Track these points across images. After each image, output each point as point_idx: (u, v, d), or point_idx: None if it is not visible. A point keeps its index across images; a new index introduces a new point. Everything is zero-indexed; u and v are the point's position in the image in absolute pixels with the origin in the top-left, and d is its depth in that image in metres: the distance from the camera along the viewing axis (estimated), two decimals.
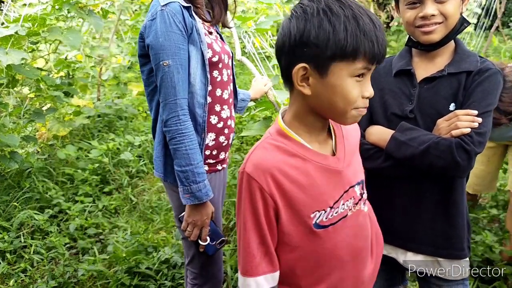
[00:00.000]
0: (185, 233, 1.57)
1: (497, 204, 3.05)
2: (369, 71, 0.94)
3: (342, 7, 0.90)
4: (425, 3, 1.25)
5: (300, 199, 1.01)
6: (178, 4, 1.43)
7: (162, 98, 1.45)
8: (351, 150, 1.11)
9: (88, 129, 4.39)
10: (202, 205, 1.52)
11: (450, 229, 1.35)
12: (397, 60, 1.41)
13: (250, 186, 0.99)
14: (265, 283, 1.03)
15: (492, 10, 8.08)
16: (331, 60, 0.91)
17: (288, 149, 1.01)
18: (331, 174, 1.04)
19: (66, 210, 3.17)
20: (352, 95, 0.94)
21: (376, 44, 0.90)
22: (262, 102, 2.63)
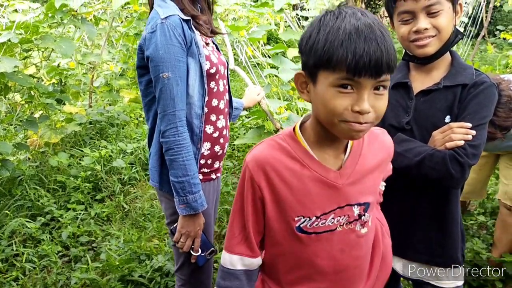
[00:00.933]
0: (178, 245, 1.58)
1: (485, 211, 3.11)
2: (357, 83, 0.91)
3: (339, 17, 0.92)
4: (418, 18, 1.28)
5: (287, 199, 1.05)
6: (178, 17, 1.46)
7: (161, 110, 1.47)
8: (365, 169, 1.10)
9: (80, 136, 4.39)
10: (196, 216, 1.54)
11: (445, 238, 1.39)
12: (395, 73, 1.45)
13: (244, 173, 1.07)
14: (239, 262, 1.12)
15: (479, 19, 8.23)
16: (316, 68, 0.94)
17: (291, 151, 1.05)
18: (327, 187, 1.05)
19: (58, 217, 3.16)
20: (333, 105, 0.93)
21: (353, 55, 0.88)
22: (255, 111, 2.66)
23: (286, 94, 2.97)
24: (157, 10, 1.48)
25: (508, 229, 2.41)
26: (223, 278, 1.14)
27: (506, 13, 11.05)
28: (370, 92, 0.93)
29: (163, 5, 1.50)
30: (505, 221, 2.42)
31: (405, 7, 1.29)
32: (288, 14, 4.55)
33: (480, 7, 8.22)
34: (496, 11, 11.30)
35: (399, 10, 1.32)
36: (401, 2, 1.30)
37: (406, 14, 1.30)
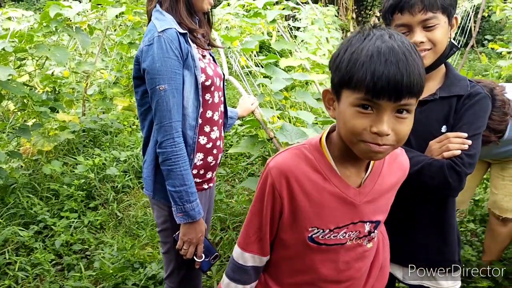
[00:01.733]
0: (181, 252, 1.62)
1: (474, 219, 3.16)
2: (376, 105, 0.92)
3: (366, 38, 0.94)
4: (414, 31, 1.31)
5: (305, 210, 1.07)
6: (175, 31, 1.49)
7: (157, 121, 1.51)
8: (382, 189, 1.12)
9: (73, 144, 4.39)
10: (197, 223, 1.58)
11: (443, 244, 1.44)
12: None
13: (266, 178, 1.08)
14: (250, 260, 1.16)
15: (467, 29, 8.36)
16: (340, 86, 0.97)
17: (315, 163, 1.06)
18: (344, 203, 1.07)
19: (51, 226, 3.16)
20: (351, 124, 0.94)
21: (371, 76, 0.89)
22: (248, 120, 2.69)
23: (279, 103, 3.00)
24: (155, 22, 1.52)
25: (497, 238, 2.46)
26: (233, 271, 1.20)
27: (494, 23, 11.23)
28: (391, 115, 0.93)
29: (160, 18, 1.53)
30: (494, 230, 2.47)
31: (402, 21, 1.32)
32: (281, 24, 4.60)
33: (468, 17, 8.37)
34: (484, 21, 11.48)
35: (396, 23, 1.34)
36: (398, 15, 1.33)
37: (402, 27, 1.33)
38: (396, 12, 1.33)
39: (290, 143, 2.24)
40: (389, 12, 1.35)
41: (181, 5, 1.57)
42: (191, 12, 1.60)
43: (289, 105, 3.19)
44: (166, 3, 1.57)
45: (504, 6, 6.77)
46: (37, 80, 3.85)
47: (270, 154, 2.92)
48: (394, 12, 1.33)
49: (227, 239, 2.98)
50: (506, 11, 6.66)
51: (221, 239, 3.01)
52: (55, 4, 3.17)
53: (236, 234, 3.03)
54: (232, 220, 3.22)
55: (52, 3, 3.16)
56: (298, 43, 4.73)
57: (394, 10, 1.33)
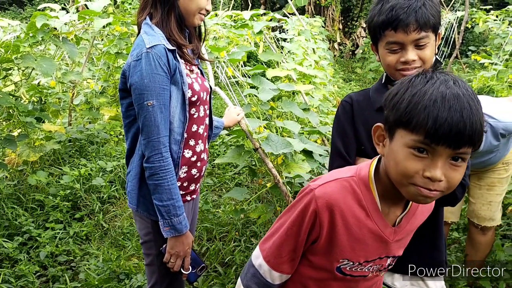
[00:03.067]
0: (168, 265, 1.63)
1: (458, 227, 3.21)
2: (433, 150, 0.90)
3: (429, 82, 0.93)
4: (406, 50, 1.33)
5: (341, 243, 1.06)
6: (163, 47, 1.50)
7: (145, 136, 1.52)
8: (412, 229, 1.15)
9: (59, 155, 4.36)
10: (184, 236, 1.59)
11: (434, 249, 1.48)
12: (376, 95, 1.48)
13: (309, 204, 1.05)
14: (278, 278, 1.15)
15: (451, 40, 8.52)
16: (395, 125, 0.95)
17: (361, 199, 1.05)
18: (379, 240, 1.09)
19: (36, 237, 3.13)
20: (404, 166, 0.93)
21: (433, 122, 0.87)
22: (235, 130, 2.71)
23: (266, 113, 3.03)
24: (143, 37, 1.52)
25: (478, 247, 2.50)
26: (257, 285, 1.16)
27: (477, 34, 11.45)
28: (445, 161, 0.91)
29: (150, 32, 1.54)
30: (474, 239, 2.51)
31: (395, 38, 1.32)
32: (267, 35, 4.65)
33: (452, 29, 8.53)
34: (468, 33, 11.70)
35: (388, 40, 1.34)
36: (391, 33, 1.32)
37: (395, 44, 1.33)
38: (389, 29, 1.32)
39: (275, 153, 2.26)
40: (381, 27, 1.34)
41: (172, 20, 1.57)
42: (182, 26, 1.61)
43: (276, 115, 3.22)
44: (157, 17, 1.57)
45: (487, 18, 6.93)
46: (23, 90, 3.83)
47: (256, 164, 2.94)
48: (387, 28, 1.33)
49: (214, 249, 2.98)
50: (489, 22, 6.82)
51: (208, 250, 3.01)
52: (42, 14, 3.17)
53: (222, 245, 3.04)
54: (218, 230, 3.22)
55: (38, 13, 3.16)
56: (285, 54, 4.78)
57: (387, 27, 1.33)
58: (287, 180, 2.41)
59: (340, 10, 12.88)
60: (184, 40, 1.62)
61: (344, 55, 12.99)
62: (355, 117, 1.48)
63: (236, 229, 3.23)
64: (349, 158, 1.45)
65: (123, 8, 4.50)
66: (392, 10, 1.30)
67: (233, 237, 3.13)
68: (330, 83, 5.90)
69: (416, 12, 1.29)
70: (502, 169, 2.39)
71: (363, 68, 11.43)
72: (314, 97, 4.20)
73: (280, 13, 10.66)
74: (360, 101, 1.50)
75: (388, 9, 1.31)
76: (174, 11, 1.57)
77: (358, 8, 12.86)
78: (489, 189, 2.43)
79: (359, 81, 10.05)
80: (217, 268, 2.78)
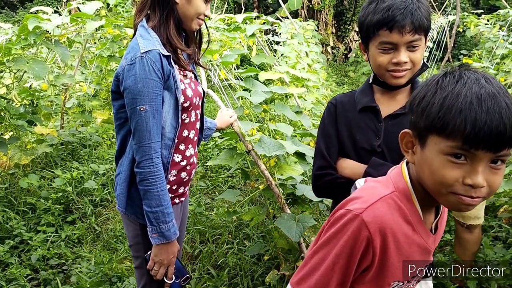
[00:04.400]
0: (152, 272, 1.60)
1: (449, 229, 3.22)
2: (472, 155, 0.84)
3: (459, 82, 0.87)
4: (399, 50, 1.33)
5: (393, 265, 0.98)
6: (158, 52, 1.49)
7: (136, 141, 1.50)
8: (442, 231, 1.10)
9: (51, 158, 4.34)
10: (169, 244, 1.57)
11: None
12: (361, 96, 1.50)
13: (359, 231, 0.94)
14: None
15: (443, 43, 8.59)
16: (427, 131, 0.89)
17: (407, 214, 0.98)
18: (424, 252, 1.02)
19: (28, 240, 3.11)
20: (441, 174, 0.87)
21: (472, 126, 0.82)
22: (227, 133, 2.72)
23: (259, 116, 3.04)
24: (138, 40, 1.50)
25: (466, 245, 2.52)
26: None
27: (469, 38, 11.54)
28: (486, 166, 0.85)
29: (145, 36, 1.52)
30: (461, 237, 2.53)
31: (389, 39, 1.33)
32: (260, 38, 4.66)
33: (444, 33, 8.60)
34: (460, 36, 11.79)
35: (381, 40, 1.34)
36: (385, 33, 1.32)
37: (388, 44, 1.34)
38: (384, 28, 1.32)
39: (268, 155, 2.27)
40: (375, 26, 1.34)
41: (171, 23, 1.56)
42: (179, 30, 1.60)
43: (268, 118, 3.23)
44: (155, 20, 1.55)
45: (478, 22, 6.99)
46: (14, 93, 3.81)
47: (249, 166, 2.94)
48: (382, 28, 1.33)
49: (207, 251, 2.97)
50: (480, 26, 6.88)
51: (200, 252, 3.01)
52: (34, 17, 3.16)
53: (215, 247, 3.03)
54: (211, 232, 3.22)
55: (30, 16, 3.15)
56: (278, 57, 4.79)
57: (381, 26, 1.33)
58: (279, 182, 2.41)
59: (333, 14, 12.95)
60: (182, 44, 1.61)
61: (337, 59, 13.05)
62: (338, 118, 1.50)
63: (229, 231, 3.23)
64: (330, 159, 1.46)
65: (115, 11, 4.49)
66: (388, 10, 1.31)
67: (226, 239, 3.13)
68: (323, 86, 5.93)
69: (412, 14, 1.30)
70: None
71: (356, 72, 11.48)
72: (306, 100, 4.22)
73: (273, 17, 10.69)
74: (345, 102, 1.51)
75: (384, 8, 1.32)
76: (173, 14, 1.56)
77: (351, 12, 12.93)
78: None
79: (352, 85, 10.09)
80: (210, 271, 2.78)
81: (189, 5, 1.56)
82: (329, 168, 1.46)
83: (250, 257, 2.85)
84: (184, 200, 1.81)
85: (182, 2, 1.56)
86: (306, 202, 2.55)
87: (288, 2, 12.48)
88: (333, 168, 1.45)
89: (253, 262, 2.82)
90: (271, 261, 2.75)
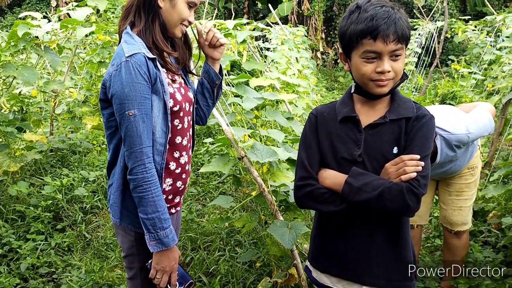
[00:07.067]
0: (154, 281, 1.57)
1: (440, 234, 3.25)
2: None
3: None
4: (383, 60, 1.35)
5: None
6: (143, 55, 1.48)
7: (127, 147, 1.48)
8: None
9: (40, 165, 4.29)
10: (170, 251, 1.54)
11: (400, 262, 1.47)
12: (341, 107, 1.51)
13: None
14: None
15: (431, 49, 8.68)
16: None
17: None
18: None
19: (17, 249, 3.07)
20: None
21: None
22: (220, 139, 2.72)
23: (250, 122, 3.04)
24: (123, 46, 1.50)
25: (454, 251, 2.54)
26: None
27: (457, 44, 11.69)
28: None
29: (129, 41, 1.51)
30: (449, 243, 2.55)
31: (373, 48, 1.34)
32: (251, 45, 4.68)
33: (432, 38, 8.69)
34: (448, 42, 11.94)
35: (365, 49, 1.35)
36: (369, 41, 1.33)
37: (372, 53, 1.35)
38: (368, 37, 1.33)
39: (261, 162, 2.27)
40: (358, 36, 1.35)
41: (157, 27, 1.55)
42: (165, 35, 1.59)
43: (260, 124, 3.23)
44: (140, 25, 1.55)
45: (466, 28, 7.08)
46: (3, 99, 3.78)
47: (241, 172, 2.94)
48: (365, 37, 1.33)
49: (198, 259, 2.96)
50: (468, 32, 6.97)
51: (192, 259, 2.99)
52: (24, 23, 3.14)
53: (207, 254, 3.02)
54: (203, 239, 3.20)
55: (20, 22, 3.13)
56: (269, 63, 4.80)
57: (365, 36, 1.33)
58: (272, 189, 2.41)
59: (323, 19, 13.04)
60: (168, 47, 1.60)
61: (327, 64, 13.13)
62: (319, 129, 1.50)
63: (220, 238, 3.22)
64: (312, 170, 1.46)
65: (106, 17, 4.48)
66: (372, 20, 1.32)
67: (217, 246, 3.11)
68: (313, 92, 5.96)
69: (395, 23, 1.32)
70: (468, 174, 2.43)
71: (345, 77, 11.56)
72: (297, 106, 4.23)
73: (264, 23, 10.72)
74: (326, 113, 1.52)
75: (367, 18, 1.33)
76: (158, 18, 1.55)
77: (340, 17, 13.02)
78: (458, 195, 2.46)
79: (342, 90, 10.15)
80: (202, 278, 2.76)
81: (173, 9, 1.55)
82: (310, 178, 1.46)
83: (242, 264, 2.84)
84: (179, 210, 1.79)
85: (166, 6, 1.55)
86: (298, 209, 2.55)
87: (278, 8, 12.54)
88: (315, 178, 1.46)
89: (245, 269, 2.81)
90: (263, 268, 2.75)
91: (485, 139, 4.53)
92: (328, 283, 1.53)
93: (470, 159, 2.38)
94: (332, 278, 1.52)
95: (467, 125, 2.18)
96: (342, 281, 1.49)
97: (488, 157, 4.19)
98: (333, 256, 1.51)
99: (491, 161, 4.14)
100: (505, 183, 3.55)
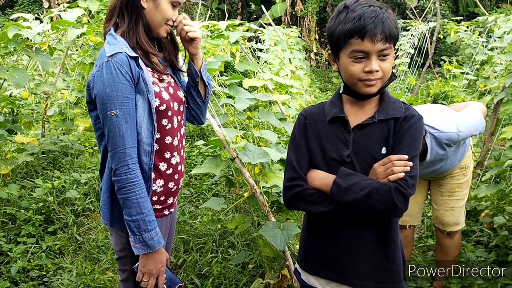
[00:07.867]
0: (141, 284, 1.55)
1: (432, 234, 3.25)
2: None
3: None
4: (370, 59, 1.34)
5: None
6: (125, 55, 1.46)
7: (111, 148, 1.46)
8: None
9: (31, 167, 4.26)
10: (156, 253, 1.52)
11: (389, 263, 1.46)
12: (330, 107, 1.51)
13: None
14: None
15: (424, 50, 8.72)
16: None
17: None
18: None
19: (7, 252, 3.05)
20: None
21: None
22: (212, 140, 2.71)
23: (243, 123, 3.03)
24: (105, 47, 1.48)
25: (446, 251, 2.54)
26: None
27: (449, 44, 11.75)
28: None
29: (111, 42, 1.50)
30: (441, 243, 2.55)
31: (361, 47, 1.33)
32: (244, 46, 4.67)
33: (425, 39, 8.73)
34: (440, 43, 11.99)
35: (353, 48, 1.35)
36: (357, 41, 1.33)
37: (360, 53, 1.34)
38: (355, 37, 1.33)
39: (252, 163, 2.26)
40: (346, 35, 1.34)
41: (141, 28, 1.54)
42: (150, 36, 1.58)
43: (253, 125, 3.23)
44: (124, 26, 1.53)
45: (458, 29, 7.12)
46: None
47: (233, 174, 2.93)
48: (353, 36, 1.33)
49: (190, 261, 2.94)
50: (460, 33, 7.00)
51: (184, 261, 2.98)
52: (14, 24, 3.11)
53: (199, 256, 3.01)
54: (195, 241, 3.19)
55: (10, 24, 3.10)
56: (262, 64, 4.80)
57: (353, 35, 1.33)
58: (264, 190, 2.40)
59: (316, 20, 13.05)
60: (153, 48, 1.58)
61: (321, 65, 13.15)
62: (308, 130, 1.50)
63: (213, 240, 3.21)
64: (300, 170, 1.46)
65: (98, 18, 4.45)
66: (360, 19, 1.32)
67: (210, 248, 3.10)
68: (306, 93, 5.97)
69: (383, 23, 1.32)
70: (460, 174, 2.43)
71: (339, 78, 11.53)
72: (290, 107, 4.23)
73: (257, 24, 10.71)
74: (315, 113, 1.52)
75: (355, 17, 1.33)
76: (141, 19, 1.54)
77: None
78: (450, 195, 2.46)
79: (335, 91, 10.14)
80: (194, 280, 2.75)
81: (157, 10, 1.54)
82: (299, 179, 1.46)
83: (234, 266, 2.83)
84: (173, 211, 1.77)
85: (150, 7, 1.54)
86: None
87: (271, 9, 12.55)
88: (303, 179, 1.45)
89: (238, 271, 2.80)
90: (256, 270, 2.74)
91: (477, 139, 4.55)
92: (317, 285, 1.52)
93: (461, 159, 2.38)
94: (321, 280, 1.51)
95: (457, 123, 2.18)
96: (331, 282, 1.49)
97: (480, 157, 4.21)
98: (322, 258, 1.50)
99: (483, 161, 4.16)
100: (497, 183, 3.57)
